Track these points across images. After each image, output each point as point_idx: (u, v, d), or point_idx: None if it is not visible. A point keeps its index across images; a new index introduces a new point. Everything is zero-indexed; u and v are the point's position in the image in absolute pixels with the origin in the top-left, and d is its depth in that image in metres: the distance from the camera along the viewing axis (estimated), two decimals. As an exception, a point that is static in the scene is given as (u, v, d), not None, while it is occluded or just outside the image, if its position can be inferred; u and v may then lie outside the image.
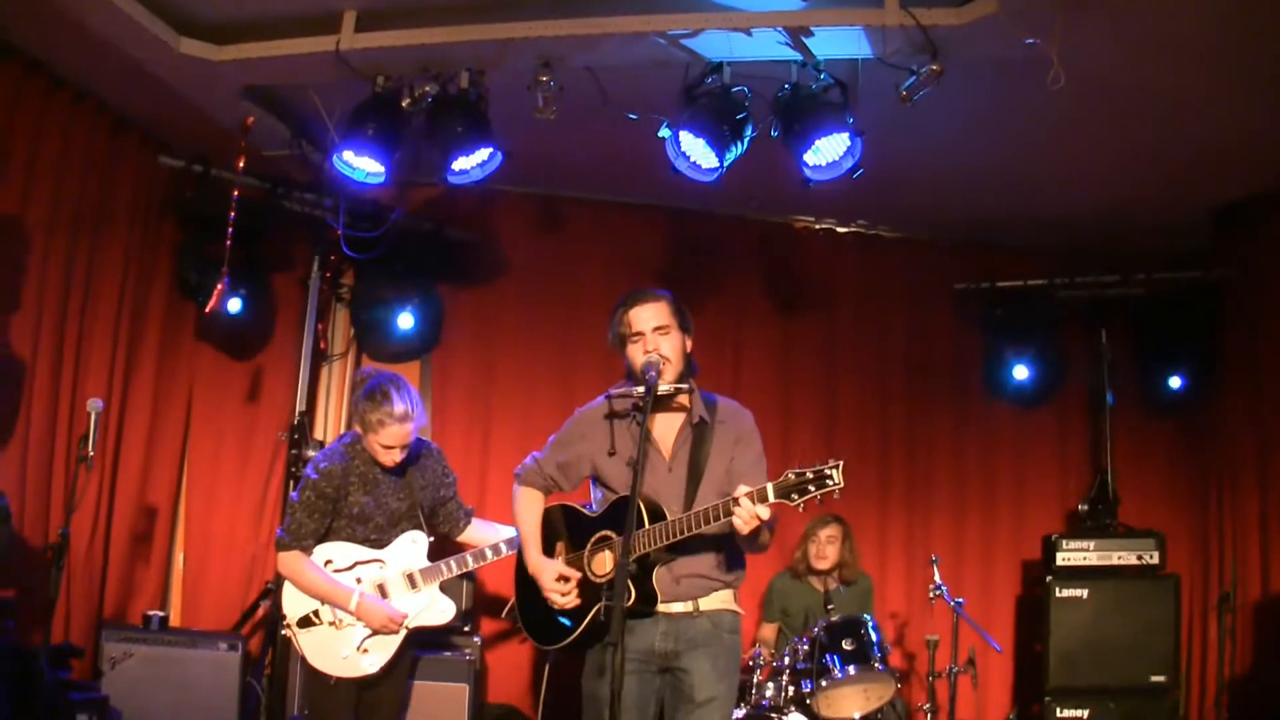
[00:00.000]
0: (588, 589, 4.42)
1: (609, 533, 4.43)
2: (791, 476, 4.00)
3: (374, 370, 5.34)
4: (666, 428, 4.50)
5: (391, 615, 5.15)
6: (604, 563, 4.40)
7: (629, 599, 4.19)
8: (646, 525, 4.23)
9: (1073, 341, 8.39)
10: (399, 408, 5.06)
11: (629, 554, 4.00)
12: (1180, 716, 7.36)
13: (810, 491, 3.97)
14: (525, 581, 4.63)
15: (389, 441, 5.09)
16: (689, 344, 4.52)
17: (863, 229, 8.53)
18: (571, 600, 4.41)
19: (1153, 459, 8.39)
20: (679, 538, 4.19)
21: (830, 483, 3.95)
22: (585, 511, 4.59)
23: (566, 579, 4.43)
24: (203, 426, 7.44)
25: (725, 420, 4.52)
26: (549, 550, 4.60)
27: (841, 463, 3.97)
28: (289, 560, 5.16)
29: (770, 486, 4.01)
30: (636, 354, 4.43)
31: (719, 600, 4.41)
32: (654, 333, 4.41)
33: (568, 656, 4.56)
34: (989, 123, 6.54)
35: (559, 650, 4.52)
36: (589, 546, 4.47)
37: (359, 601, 5.11)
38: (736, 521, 4.02)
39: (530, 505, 4.67)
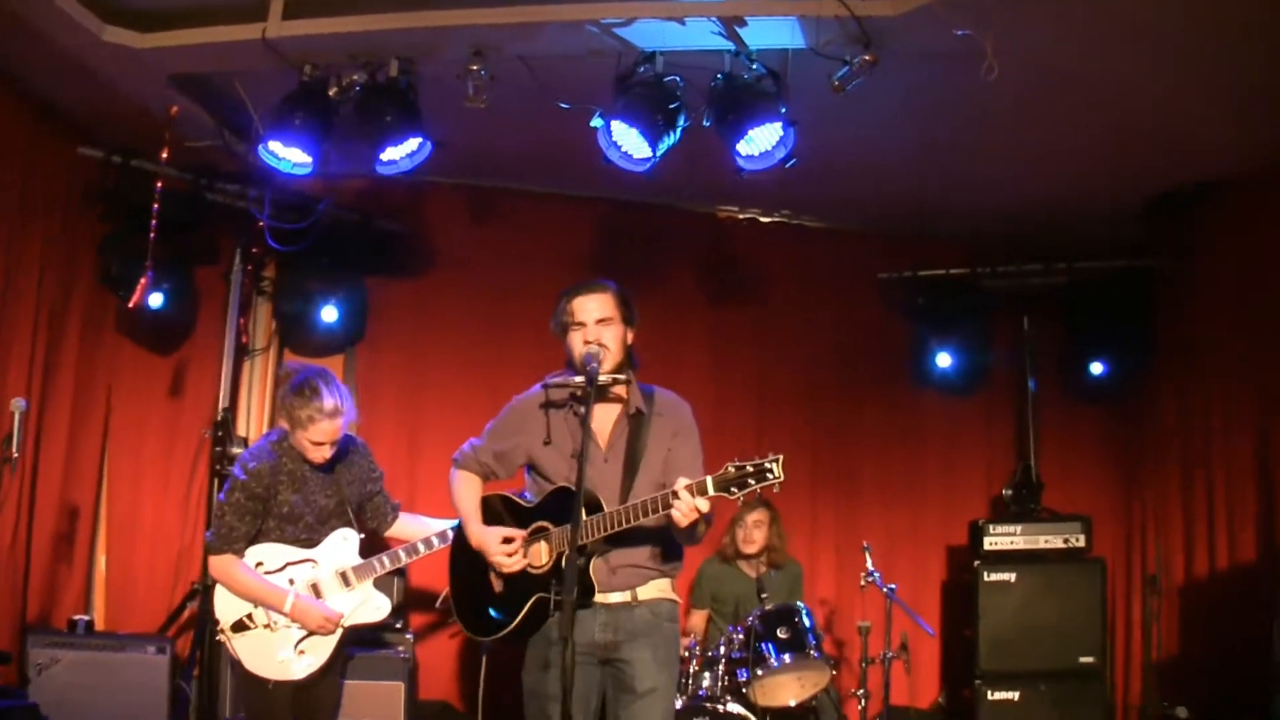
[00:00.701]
0: (524, 579, 4.37)
1: (545, 524, 4.39)
2: (731, 470, 4.00)
3: (299, 365, 5.20)
4: (604, 418, 4.47)
5: (328, 615, 5.06)
6: (539, 554, 4.37)
7: (571, 593, 4.06)
8: (584, 517, 4.18)
9: (998, 330, 8.48)
10: (329, 403, 4.94)
11: (577, 548, 3.96)
12: (1109, 697, 7.48)
13: (750, 485, 3.97)
14: (460, 571, 4.60)
15: (319, 438, 4.99)
16: (631, 336, 4.50)
17: (786, 219, 8.57)
18: (518, 562, 4.34)
19: (1077, 445, 8.53)
20: (616, 530, 4.17)
21: (770, 476, 3.96)
22: (521, 501, 4.56)
23: (510, 539, 4.36)
24: (124, 423, 7.29)
25: (663, 412, 4.51)
26: None
27: (781, 457, 3.98)
28: (220, 564, 5.03)
29: (710, 480, 4.00)
30: (577, 343, 4.41)
31: (656, 589, 4.40)
32: (596, 324, 4.39)
33: (503, 648, 4.51)
34: (918, 113, 6.56)
35: (495, 642, 4.47)
36: (525, 536, 4.43)
37: (294, 603, 5.01)
38: (675, 514, 4.01)
39: (469, 485, 4.62)
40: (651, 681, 4.28)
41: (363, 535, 5.32)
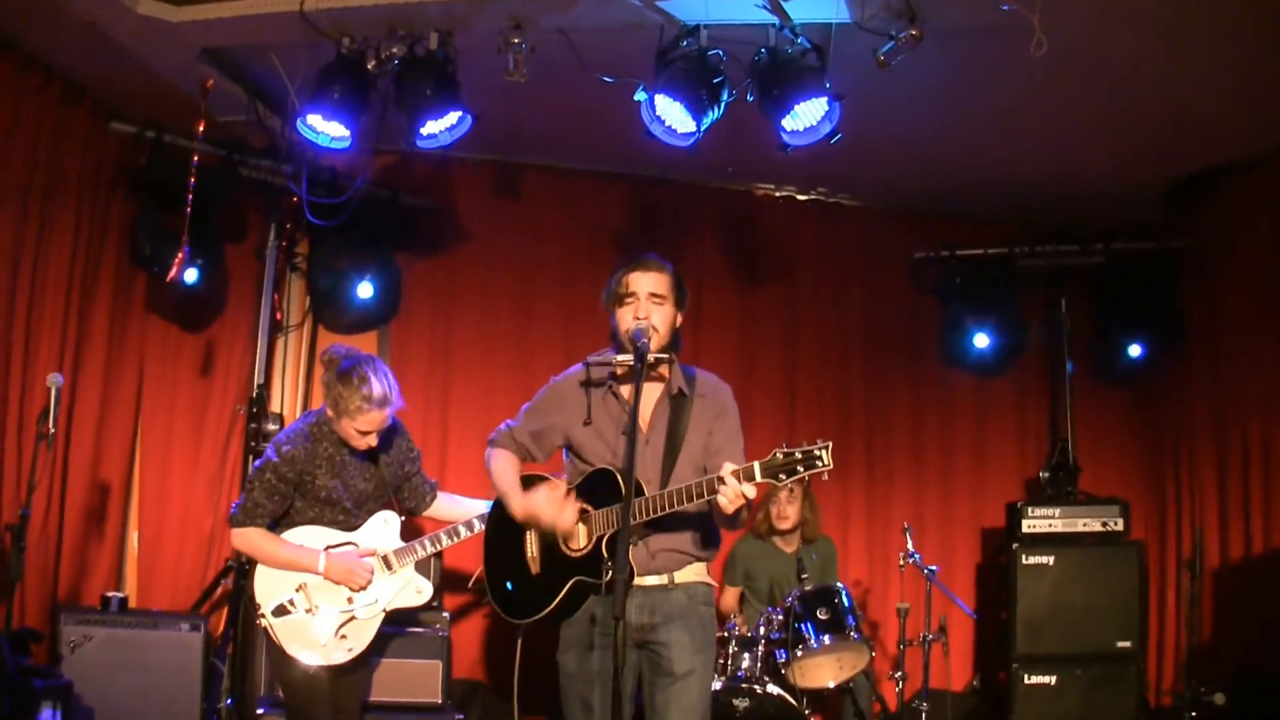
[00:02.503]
0: (563, 561, 4.32)
1: (586, 506, 4.32)
2: (779, 456, 3.92)
3: (344, 349, 5.06)
4: (645, 399, 4.36)
5: (357, 564, 4.98)
6: (578, 537, 4.31)
7: (604, 576, 4.10)
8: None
9: (1032, 310, 8.41)
10: (378, 391, 4.86)
11: (628, 527, 3.88)
12: (1145, 682, 7.42)
13: (799, 471, 3.90)
14: (496, 552, 4.54)
15: (366, 427, 4.91)
16: (680, 319, 4.43)
17: (823, 196, 8.51)
18: (572, 517, 4.27)
19: (1111, 427, 8.47)
20: (659, 515, 4.11)
21: (820, 464, 3.88)
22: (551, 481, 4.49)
23: (563, 498, 4.28)
24: (155, 401, 7.23)
25: (704, 394, 4.44)
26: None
27: (830, 444, 3.90)
28: (245, 536, 4.96)
29: (757, 465, 3.93)
30: (626, 317, 4.31)
31: (693, 573, 4.35)
32: (649, 299, 4.31)
33: (538, 630, 4.44)
34: (957, 91, 6.50)
35: (530, 624, 4.41)
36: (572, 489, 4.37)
37: (326, 562, 4.95)
38: (721, 500, 3.95)
39: (506, 462, 4.53)
40: (688, 664, 4.23)
41: (403, 518, 5.26)
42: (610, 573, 4.02)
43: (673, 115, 5.52)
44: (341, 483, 5.02)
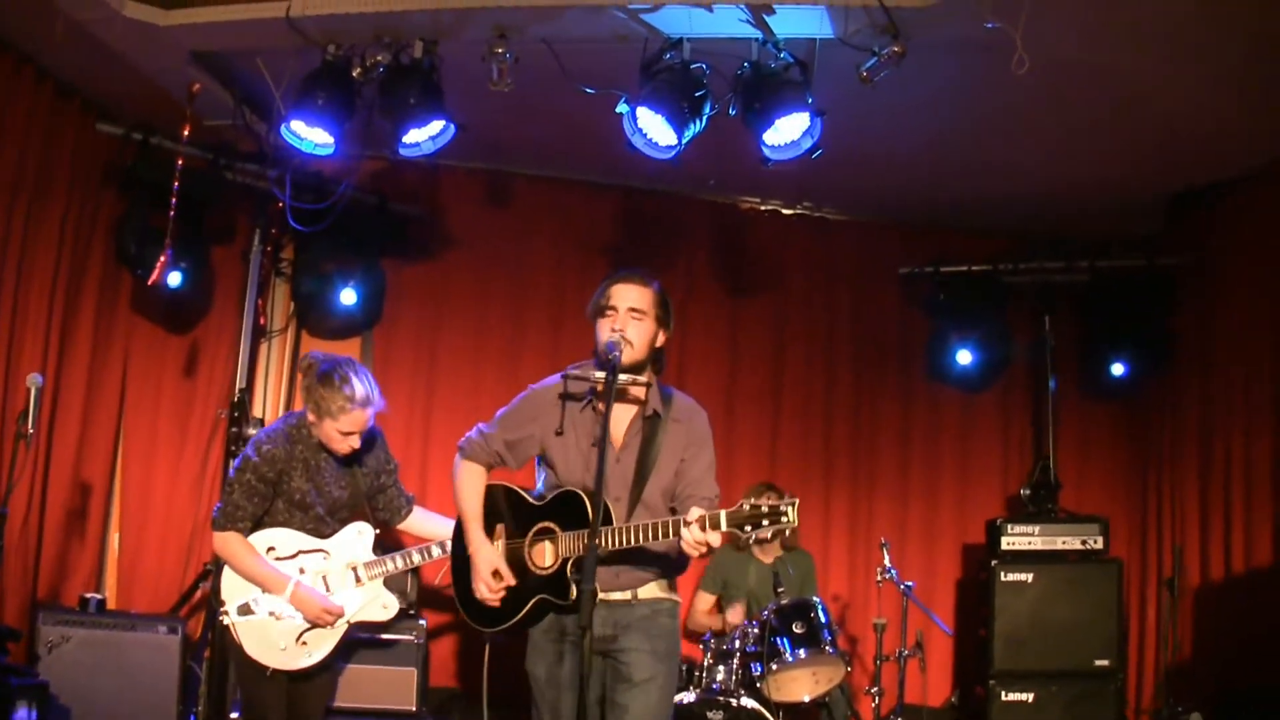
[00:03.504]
0: (528, 579, 4.38)
1: (552, 525, 4.37)
2: (746, 508, 3.97)
3: (324, 354, 5.11)
4: (620, 417, 4.42)
5: (327, 607, 4.99)
6: (544, 554, 4.37)
7: (569, 598, 4.24)
8: (592, 521, 4.10)
9: (1018, 326, 8.40)
10: (360, 391, 4.90)
11: (595, 540, 3.93)
12: (1124, 700, 7.42)
13: (763, 525, 3.95)
14: (463, 560, 4.55)
15: (349, 427, 4.93)
16: (662, 338, 4.45)
17: (808, 210, 8.52)
18: (494, 600, 4.37)
19: (1095, 444, 8.47)
20: (622, 548, 4.16)
21: (785, 520, 3.93)
22: (529, 497, 4.52)
23: (500, 576, 4.38)
24: (138, 402, 7.25)
25: (679, 418, 4.46)
26: (489, 530, 4.52)
27: (797, 500, 3.95)
28: (225, 541, 4.98)
29: (724, 515, 3.97)
30: (604, 329, 4.35)
31: (657, 589, 4.41)
32: (627, 312, 4.34)
33: (507, 639, 4.51)
34: (943, 105, 6.52)
35: (494, 634, 4.48)
36: (529, 535, 4.42)
37: (294, 590, 4.95)
38: (684, 544, 4.01)
39: (473, 482, 4.56)
40: (649, 672, 4.27)
41: (377, 530, 5.27)
42: (575, 593, 4.13)
43: (654, 128, 5.54)
44: (315, 488, 5.03)
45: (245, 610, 4.95)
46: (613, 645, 4.30)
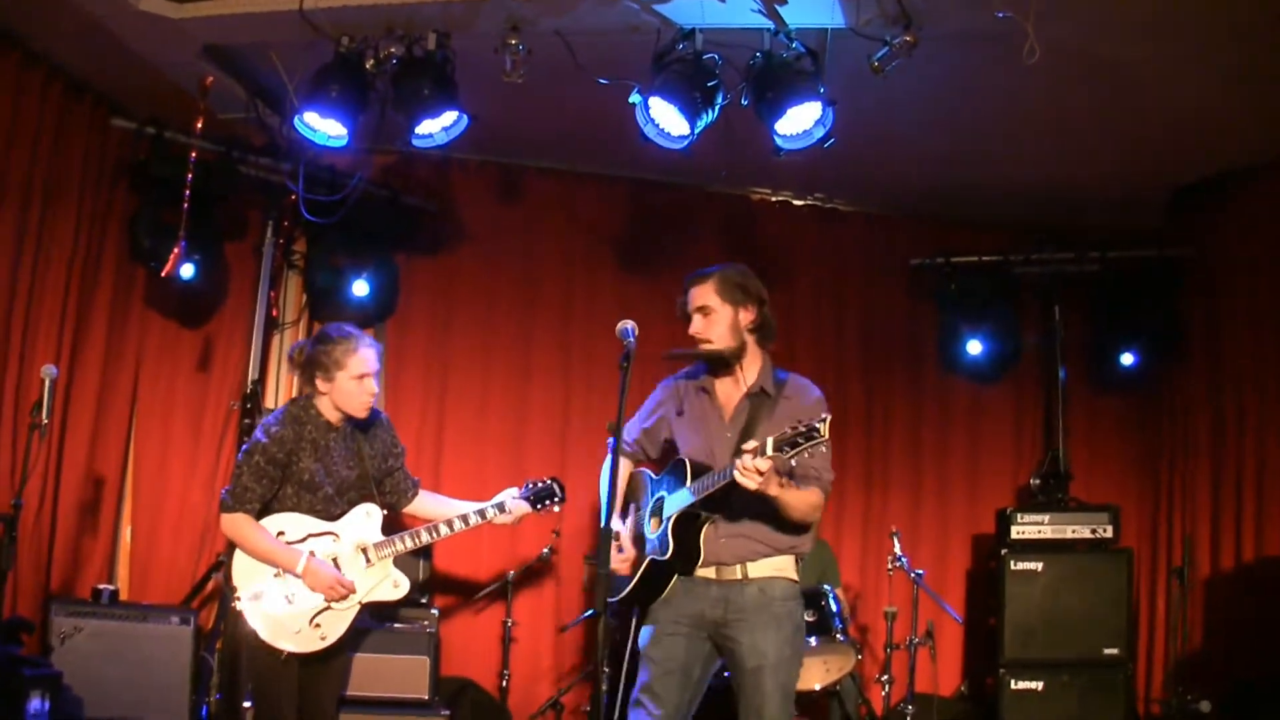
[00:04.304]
0: (643, 546, 4.66)
1: (663, 493, 4.63)
2: (787, 430, 4.07)
3: (303, 340, 5.20)
4: (729, 394, 4.66)
5: (339, 579, 4.97)
6: (656, 524, 4.60)
7: (667, 553, 4.48)
8: (688, 482, 4.47)
9: (1028, 317, 8.43)
10: (358, 332, 5.03)
11: (610, 518, 4.10)
12: (1134, 689, 7.44)
13: (800, 444, 4.04)
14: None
15: (361, 369, 4.96)
16: (745, 316, 4.67)
17: (819, 202, 8.53)
18: (624, 569, 4.65)
19: (1105, 435, 8.48)
20: (704, 494, 4.38)
21: (816, 435, 4.02)
22: (652, 475, 4.82)
23: (621, 548, 4.69)
24: (151, 395, 7.27)
25: (790, 395, 4.63)
26: (625, 512, 4.85)
27: (829, 417, 4.06)
28: (233, 522, 4.95)
29: (770, 440, 4.08)
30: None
31: (770, 567, 4.50)
32: (696, 313, 4.62)
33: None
34: (952, 96, 6.53)
35: (619, 603, 4.69)
36: (649, 507, 4.72)
37: (306, 564, 4.94)
38: (737, 476, 4.12)
39: (611, 473, 4.60)
40: (758, 660, 4.39)
41: (385, 512, 5.29)
42: (670, 553, 4.48)
43: (667, 118, 5.55)
44: (324, 467, 5.02)
45: (257, 595, 4.95)
46: (725, 630, 4.48)
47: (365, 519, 5.16)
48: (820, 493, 4.45)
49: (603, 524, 4.09)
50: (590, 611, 7.07)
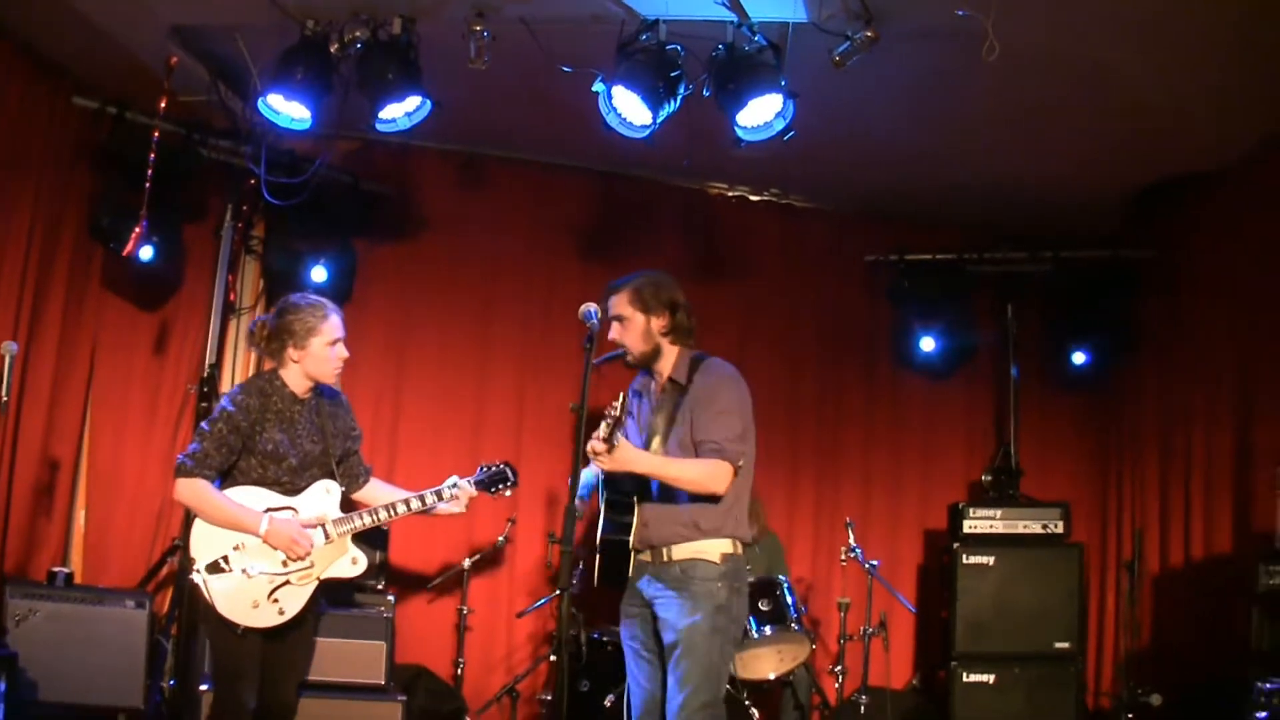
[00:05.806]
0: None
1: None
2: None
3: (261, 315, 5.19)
4: (653, 389, 4.95)
5: (300, 532, 4.90)
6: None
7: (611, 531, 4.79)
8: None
9: (981, 315, 8.52)
10: (322, 299, 5.06)
11: (575, 499, 4.36)
12: (1084, 683, 7.53)
13: (610, 424, 4.34)
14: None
15: (334, 333, 4.96)
16: (657, 322, 4.84)
17: (775, 197, 8.58)
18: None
19: (1057, 431, 8.59)
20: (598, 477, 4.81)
21: (613, 412, 4.32)
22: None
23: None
24: (107, 377, 7.22)
25: (698, 379, 4.80)
26: None
27: (622, 397, 4.41)
28: (192, 486, 4.83)
29: (602, 424, 4.36)
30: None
31: (691, 550, 4.65)
32: (613, 321, 4.86)
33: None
34: (912, 93, 6.58)
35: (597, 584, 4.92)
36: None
37: (269, 526, 4.87)
38: (592, 460, 4.47)
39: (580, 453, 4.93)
40: (673, 636, 4.56)
41: (343, 489, 5.26)
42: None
43: (629, 107, 5.61)
44: (289, 438, 4.97)
45: (215, 568, 4.87)
46: (654, 608, 4.72)
47: (325, 495, 5.11)
48: (718, 462, 4.56)
49: (568, 503, 4.25)
50: (544, 599, 7.10)
